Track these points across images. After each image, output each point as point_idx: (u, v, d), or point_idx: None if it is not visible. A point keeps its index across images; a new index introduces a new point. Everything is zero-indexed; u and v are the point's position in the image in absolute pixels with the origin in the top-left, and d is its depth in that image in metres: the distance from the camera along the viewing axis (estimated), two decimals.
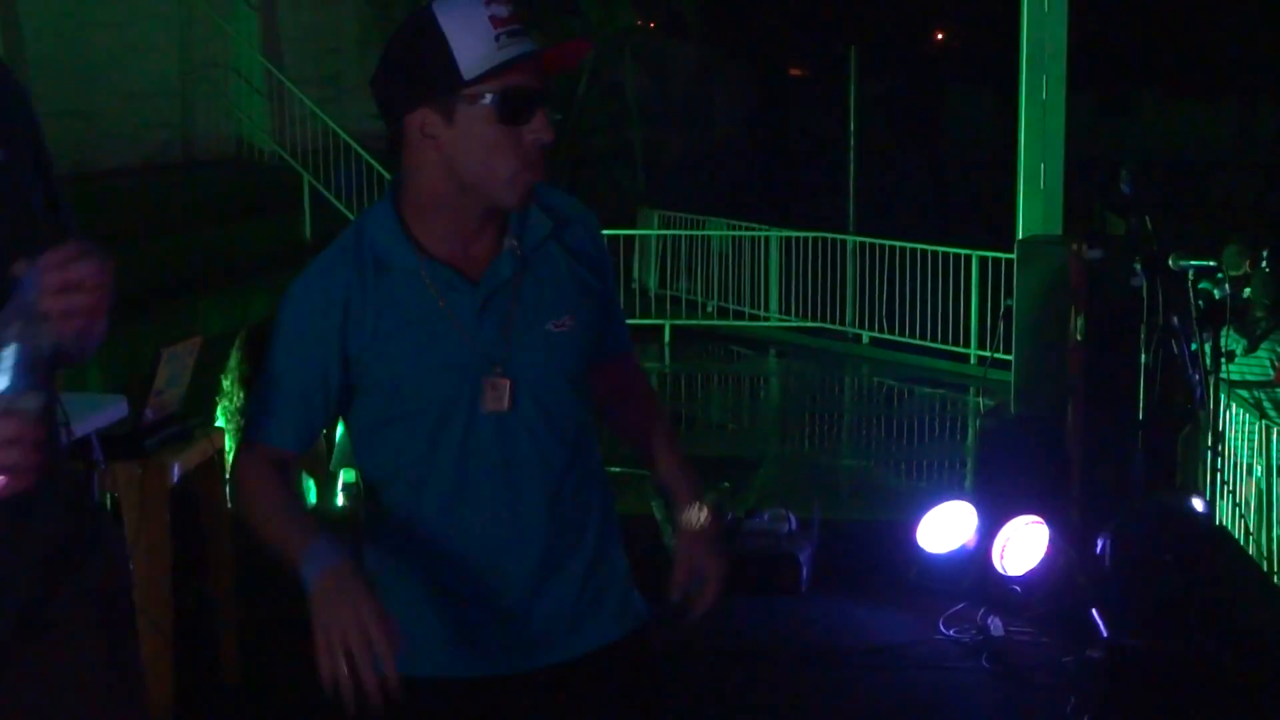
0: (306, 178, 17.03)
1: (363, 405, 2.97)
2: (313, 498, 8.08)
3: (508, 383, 2.90)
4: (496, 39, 2.85)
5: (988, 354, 14.41)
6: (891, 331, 17.47)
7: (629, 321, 13.34)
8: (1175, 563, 6.31)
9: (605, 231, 3.19)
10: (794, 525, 7.10)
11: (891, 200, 25.16)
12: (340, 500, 7.04)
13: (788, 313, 18.88)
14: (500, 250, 2.93)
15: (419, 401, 2.92)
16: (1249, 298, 10.54)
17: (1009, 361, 8.10)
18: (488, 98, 2.82)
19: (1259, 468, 9.56)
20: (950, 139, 35.14)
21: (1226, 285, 10.45)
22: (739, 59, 34.45)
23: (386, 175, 18.22)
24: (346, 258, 2.93)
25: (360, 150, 17.89)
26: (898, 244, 17.84)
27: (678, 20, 26.52)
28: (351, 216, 18.06)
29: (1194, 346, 9.70)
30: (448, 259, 2.91)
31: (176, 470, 5.25)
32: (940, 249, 17.10)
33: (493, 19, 2.86)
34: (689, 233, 20.50)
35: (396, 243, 2.91)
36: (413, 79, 2.84)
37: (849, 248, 18.56)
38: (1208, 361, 9.48)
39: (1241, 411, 9.70)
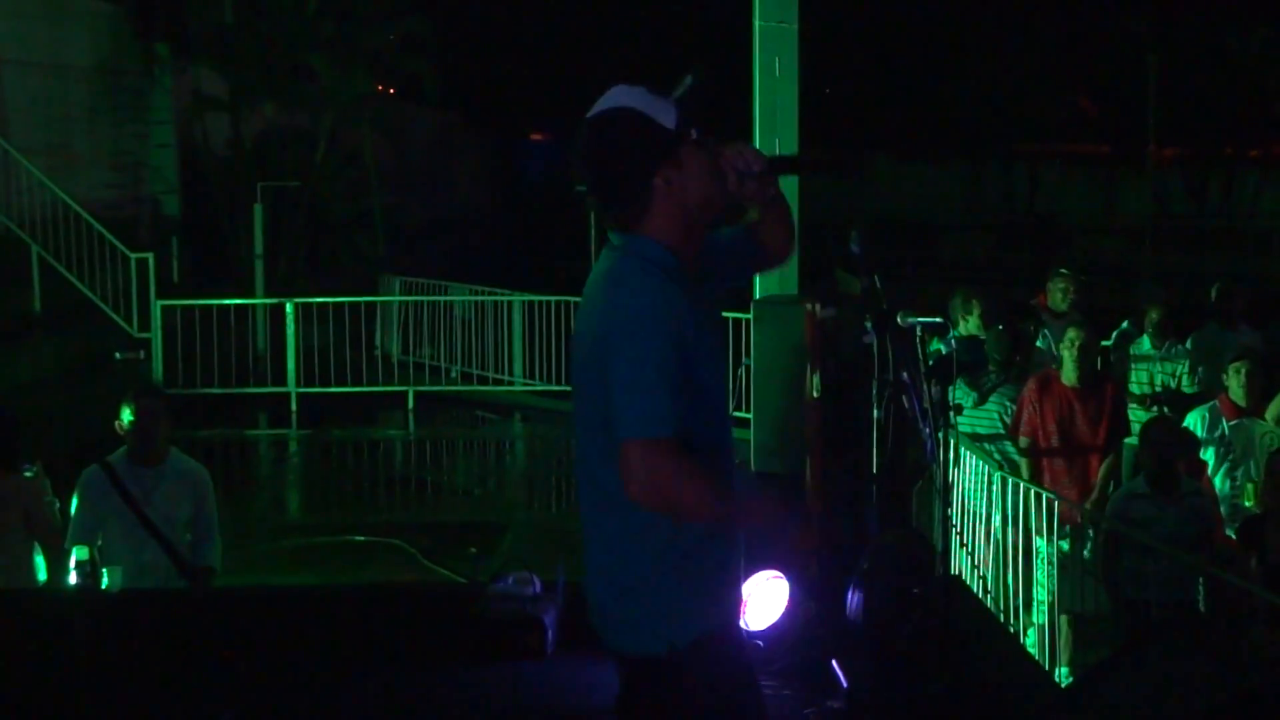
0: (35, 248, 16.58)
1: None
2: (43, 575, 7.82)
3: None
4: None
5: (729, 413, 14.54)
6: None
7: (372, 388, 13.12)
8: (918, 601, 6.39)
9: (346, 299, 3.48)
10: (539, 588, 7.06)
11: None
12: (73, 578, 6.81)
13: (532, 376, 18.87)
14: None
15: (711, 396, 3.71)
16: (984, 353, 10.81)
17: (748, 420, 8.18)
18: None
19: (996, 517, 9.79)
20: None
21: (952, 341, 10.73)
22: (479, 124, 34.51)
23: (121, 246, 17.85)
24: (655, 274, 3.66)
25: (90, 219, 17.49)
26: None
27: (416, 86, 26.46)
28: (84, 287, 17.64)
29: (931, 401, 9.89)
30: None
31: None
32: None
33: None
34: (431, 299, 20.40)
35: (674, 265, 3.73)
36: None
37: None
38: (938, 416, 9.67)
39: (976, 463, 9.94)
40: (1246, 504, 9.35)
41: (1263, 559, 8.15)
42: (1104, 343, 12.06)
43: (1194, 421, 10.05)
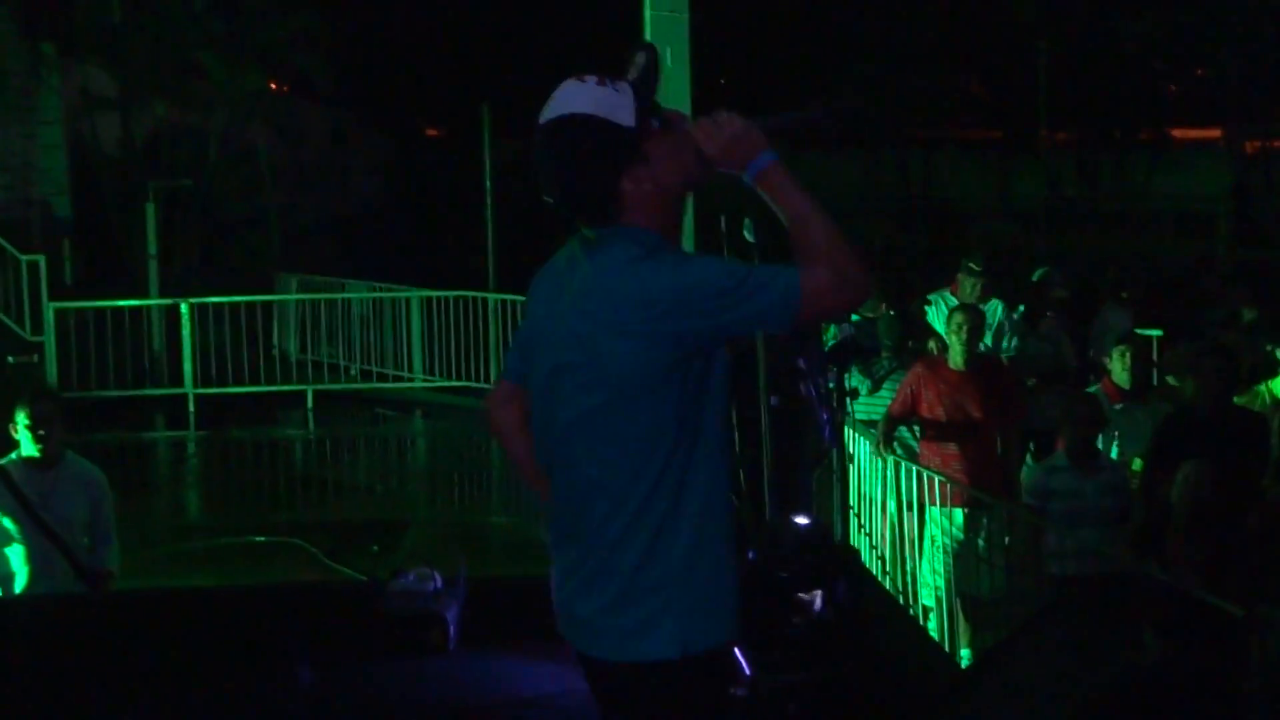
0: None
1: None
2: None
3: None
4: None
5: None
6: None
7: (270, 388, 13.04)
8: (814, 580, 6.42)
9: (242, 298, 3.31)
10: (440, 584, 7.06)
11: (530, 257, 25.30)
12: None
13: (432, 373, 18.81)
14: None
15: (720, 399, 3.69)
16: (876, 339, 10.89)
17: None
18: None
19: (891, 502, 9.89)
20: None
21: (849, 326, 10.78)
22: (374, 120, 34.33)
23: (11, 248, 17.61)
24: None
25: None
26: None
27: (308, 83, 26.29)
28: None
29: (827, 386, 9.97)
30: None
31: None
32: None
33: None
34: (328, 296, 20.28)
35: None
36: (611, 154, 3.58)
37: (490, 305, 18.62)
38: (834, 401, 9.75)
39: (870, 449, 10.03)
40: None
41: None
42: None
43: None
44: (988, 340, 10.83)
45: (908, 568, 9.73)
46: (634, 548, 3.55)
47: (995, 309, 11.39)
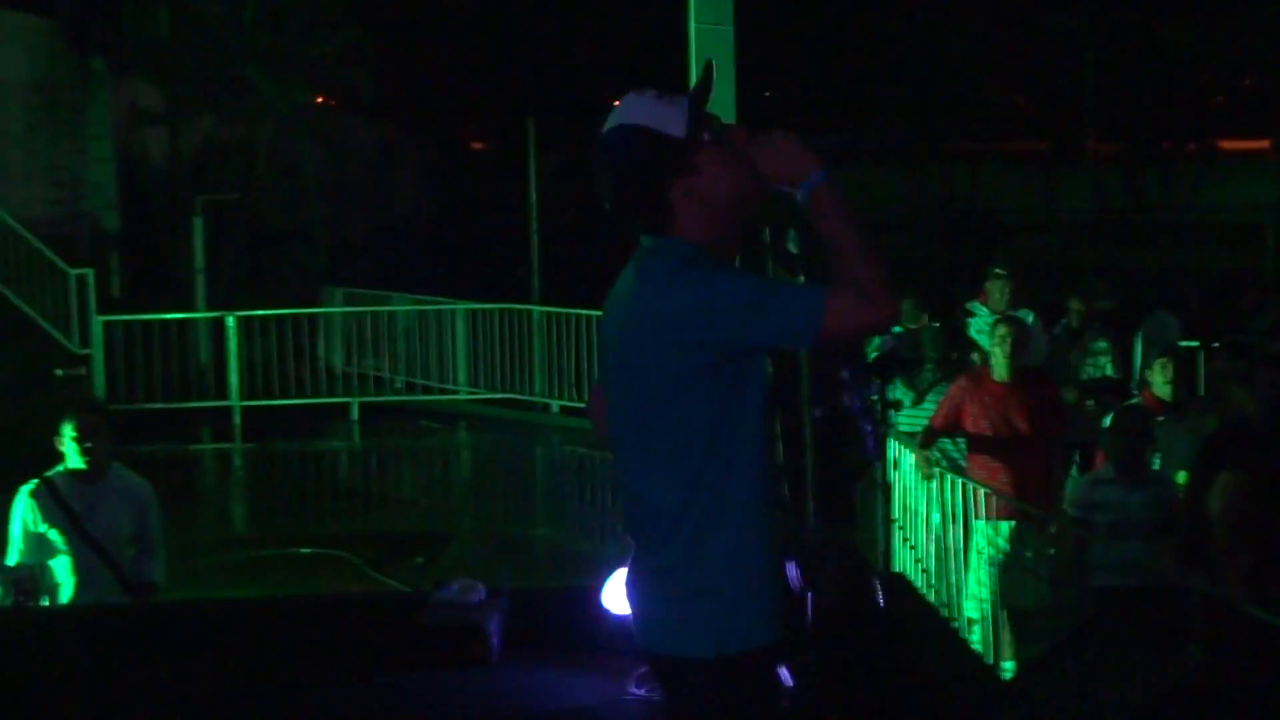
0: None
1: None
2: None
3: None
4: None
5: None
6: (580, 400, 17.57)
7: (315, 400, 13.11)
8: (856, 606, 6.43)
9: (288, 311, 3.37)
10: (483, 595, 7.06)
11: (576, 270, 25.39)
12: (11, 595, 6.80)
13: (476, 385, 18.86)
14: None
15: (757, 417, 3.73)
16: (920, 351, 10.87)
17: None
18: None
19: (936, 515, 9.86)
20: None
21: (890, 338, 10.78)
22: (419, 134, 34.44)
23: (60, 262, 17.74)
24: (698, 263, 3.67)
25: (29, 236, 17.38)
26: (583, 312, 17.99)
27: (355, 96, 26.40)
28: (23, 304, 17.57)
29: (870, 398, 9.97)
30: None
31: None
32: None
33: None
34: (374, 309, 20.37)
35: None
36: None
37: (535, 318, 18.65)
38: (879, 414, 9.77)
39: (913, 461, 10.01)
40: None
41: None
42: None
43: None
44: None
45: (952, 580, 9.70)
46: (676, 547, 3.65)
47: (1026, 318, 11.33)
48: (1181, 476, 9.01)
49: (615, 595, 6.91)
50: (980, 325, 11.42)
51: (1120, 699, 4.99)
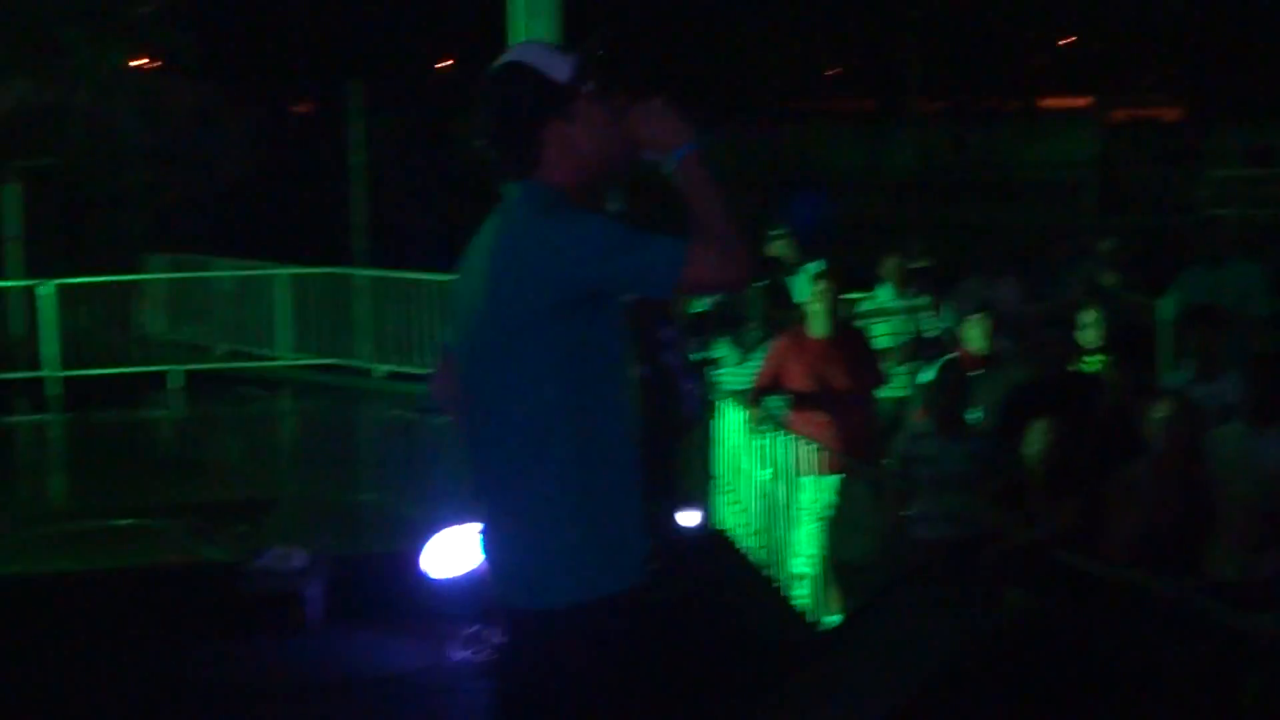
0: None
1: None
2: None
3: None
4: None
5: None
6: (407, 364, 17.45)
7: (136, 369, 12.85)
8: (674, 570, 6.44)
9: (107, 279, 3.29)
10: (302, 562, 6.99)
11: (403, 233, 25.19)
12: None
13: (301, 350, 18.65)
14: None
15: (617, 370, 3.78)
16: (745, 309, 10.90)
17: None
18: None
19: (763, 471, 9.89)
20: (461, 168, 35.35)
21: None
22: (242, 97, 33.92)
23: None
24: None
25: None
26: (410, 275, 17.84)
27: (174, 59, 25.92)
28: None
29: (691, 357, 9.98)
30: None
31: None
32: (450, 279, 17.07)
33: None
34: (196, 275, 20.03)
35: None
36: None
37: (358, 282, 18.46)
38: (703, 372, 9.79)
39: (742, 418, 10.03)
40: None
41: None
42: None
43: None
44: None
45: (778, 537, 9.75)
46: (534, 494, 3.63)
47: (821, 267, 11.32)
48: (1001, 431, 9.14)
49: (435, 559, 6.87)
50: (801, 283, 11.46)
51: (939, 646, 5.03)
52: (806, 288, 10.05)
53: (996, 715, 4.78)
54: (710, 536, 8.69)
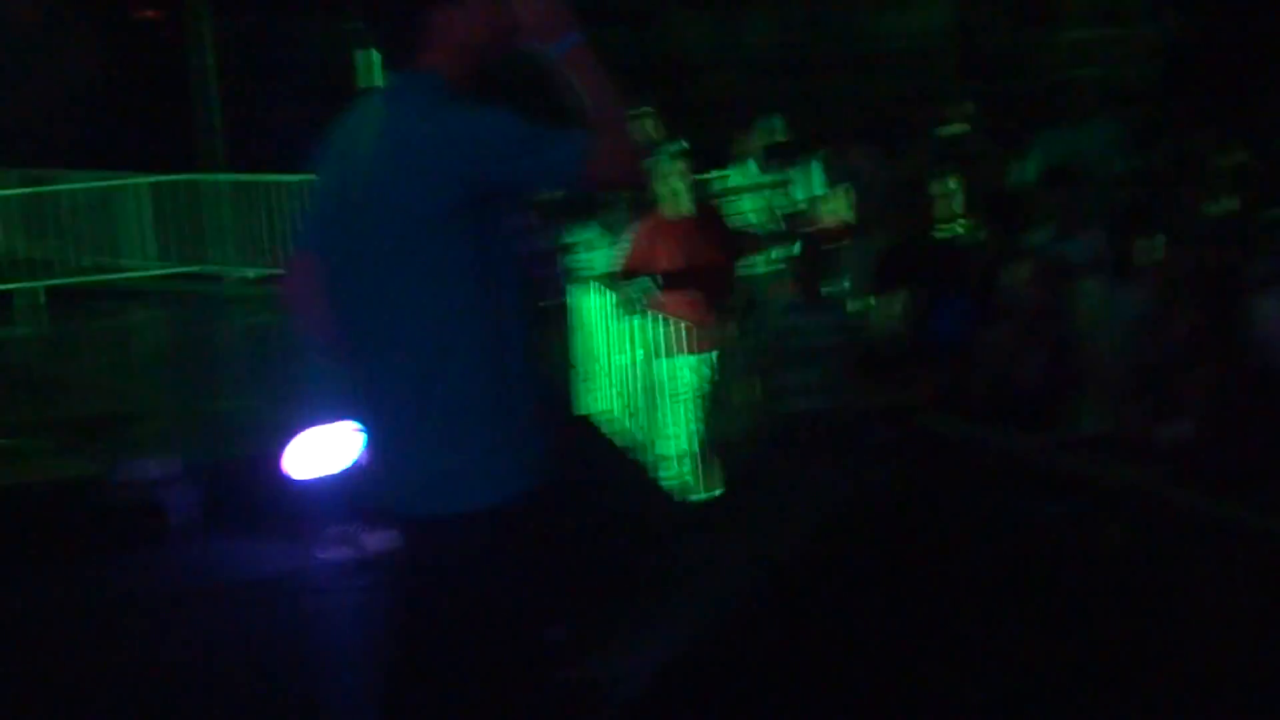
0: None
1: None
2: None
3: None
4: None
5: None
6: (270, 267, 17.21)
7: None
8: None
9: None
10: (162, 472, 6.88)
11: (260, 135, 24.82)
12: None
13: (163, 260, 18.34)
14: None
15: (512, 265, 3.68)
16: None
17: None
18: None
19: (625, 354, 9.88)
20: (316, 70, 34.79)
21: None
22: (85, 2, 33.14)
23: None
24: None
25: None
26: (268, 178, 17.54)
27: None
28: None
29: (554, 240, 9.93)
30: None
31: None
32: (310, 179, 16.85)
33: None
34: (47, 189, 19.59)
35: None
36: None
37: (218, 187, 18.16)
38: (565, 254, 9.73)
39: (609, 300, 9.99)
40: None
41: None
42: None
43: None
44: None
45: (648, 419, 9.75)
46: (442, 395, 3.54)
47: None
48: (866, 300, 9.18)
49: (297, 461, 6.77)
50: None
51: (808, 512, 5.04)
52: (666, 167, 9.96)
53: (868, 579, 4.79)
54: (576, 422, 8.66)
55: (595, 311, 10.14)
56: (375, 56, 3.96)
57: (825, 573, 4.80)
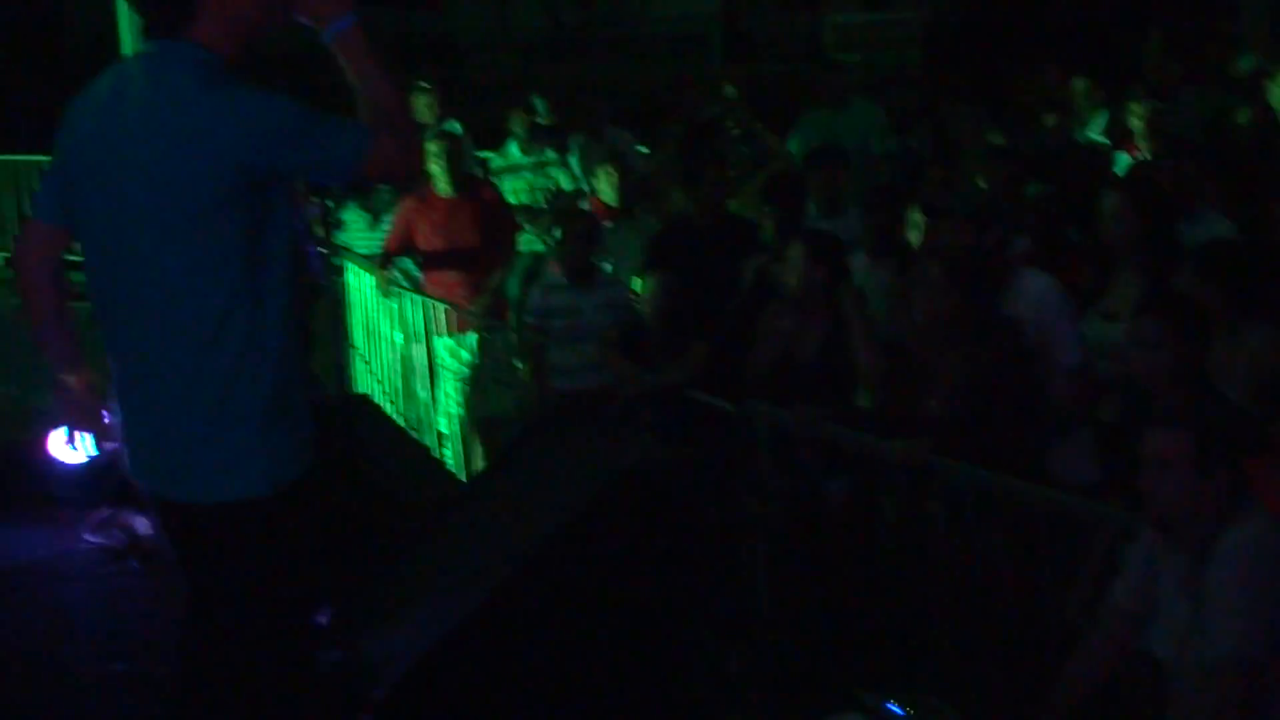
0: None
1: None
2: None
3: None
4: None
5: None
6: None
7: None
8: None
9: None
10: None
11: (12, 112, 24.08)
12: None
13: None
14: None
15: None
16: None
17: None
18: None
19: (399, 335, 9.85)
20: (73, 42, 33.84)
21: None
22: None
23: None
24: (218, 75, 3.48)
25: None
26: (18, 157, 17.13)
27: None
28: None
29: (312, 219, 9.86)
30: None
31: None
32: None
33: None
34: None
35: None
36: None
37: None
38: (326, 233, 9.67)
39: (373, 281, 9.93)
40: None
41: None
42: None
43: None
44: None
45: (421, 399, 9.74)
46: (215, 379, 3.47)
47: (455, 129, 11.24)
48: (635, 283, 9.25)
49: (60, 446, 6.65)
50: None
51: (575, 489, 5.09)
52: (428, 148, 9.92)
53: (627, 556, 4.86)
54: (352, 401, 8.63)
55: (366, 291, 10.10)
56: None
57: (591, 549, 4.85)
